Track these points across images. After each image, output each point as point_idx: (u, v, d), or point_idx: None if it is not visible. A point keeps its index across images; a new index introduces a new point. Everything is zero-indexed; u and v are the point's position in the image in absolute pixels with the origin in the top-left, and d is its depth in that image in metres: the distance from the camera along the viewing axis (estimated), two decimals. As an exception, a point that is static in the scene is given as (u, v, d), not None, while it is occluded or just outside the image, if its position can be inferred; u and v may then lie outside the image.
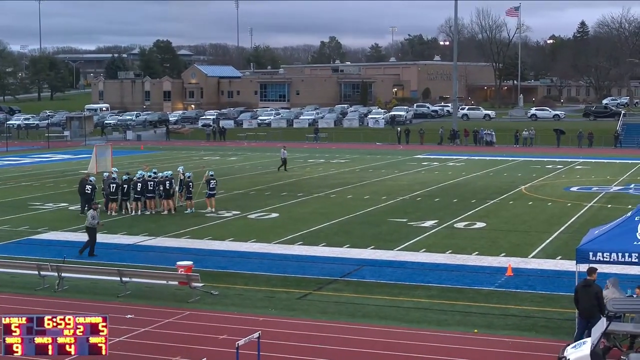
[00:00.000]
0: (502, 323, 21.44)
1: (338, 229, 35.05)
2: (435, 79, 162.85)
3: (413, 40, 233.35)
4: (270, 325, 21.05)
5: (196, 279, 23.79)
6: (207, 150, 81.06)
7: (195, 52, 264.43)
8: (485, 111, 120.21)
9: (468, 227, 35.33)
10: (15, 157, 74.75)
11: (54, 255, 29.39)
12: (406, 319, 21.87)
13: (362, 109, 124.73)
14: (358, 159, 69.79)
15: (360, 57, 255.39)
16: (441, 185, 50.47)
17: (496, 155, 72.78)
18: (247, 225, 36.45)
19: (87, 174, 42.86)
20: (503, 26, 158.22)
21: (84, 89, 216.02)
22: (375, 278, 26.29)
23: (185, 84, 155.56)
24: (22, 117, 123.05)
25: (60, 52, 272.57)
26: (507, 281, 25.75)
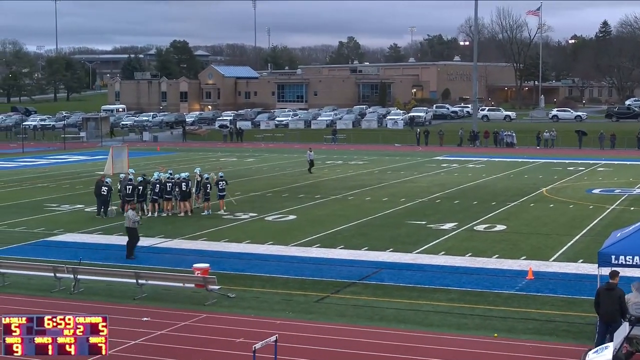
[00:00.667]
0: (522, 327, 21.36)
1: (356, 232, 35.03)
2: (455, 79, 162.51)
3: (432, 40, 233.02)
4: (288, 329, 21.06)
5: (213, 282, 23.82)
6: (224, 152, 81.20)
7: (212, 52, 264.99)
8: (505, 112, 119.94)
9: (488, 230, 35.24)
10: (31, 158, 75.13)
11: (69, 257, 29.51)
12: (425, 322, 21.83)
13: (380, 110, 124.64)
14: (376, 160, 69.75)
15: (379, 57, 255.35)
16: (461, 187, 50.36)
17: (517, 157, 72.56)
18: (264, 227, 36.49)
19: (103, 175, 43.03)
20: (524, 26, 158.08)
21: (100, 89, 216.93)
22: (393, 281, 26.25)
23: (202, 84, 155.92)
24: (38, 118, 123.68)
25: (76, 52, 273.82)
26: (527, 285, 25.66)
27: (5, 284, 25.86)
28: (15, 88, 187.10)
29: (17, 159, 73.64)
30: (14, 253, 30.66)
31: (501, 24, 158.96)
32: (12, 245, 32.40)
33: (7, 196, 47.25)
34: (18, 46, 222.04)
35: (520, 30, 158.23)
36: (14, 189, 50.71)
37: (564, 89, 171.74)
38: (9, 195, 47.88)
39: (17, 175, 59.47)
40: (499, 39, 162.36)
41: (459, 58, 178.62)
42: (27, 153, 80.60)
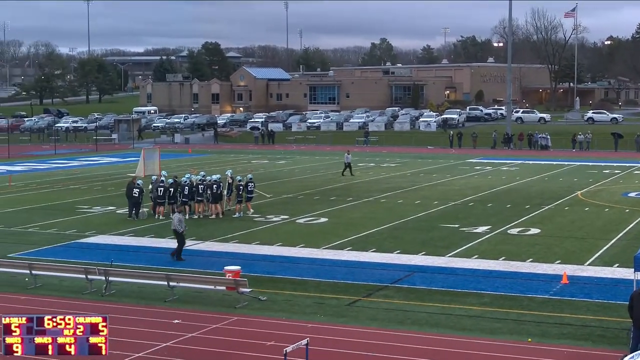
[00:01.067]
0: (557, 332, 21.23)
1: (388, 235, 34.98)
2: (489, 81, 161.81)
3: (466, 41, 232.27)
4: (319, 332, 21.07)
5: (244, 284, 23.88)
6: (256, 154, 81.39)
7: (244, 54, 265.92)
8: (540, 114, 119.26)
9: (522, 234, 35.06)
10: (63, 160, 75.71)
11: (101, 259, 29.71)
12: (458, 326, 21.76)
13: (413, 112, 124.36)
14: (409, 163, 69.62)
15: (412, 59, 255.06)
16: (494, 190, 50.14)
17: (551, 160, 72.12)
18: (295, 230, 36.53)
19: (134, 177, 43.28)
20: (559, 27, 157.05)
21: (132, 91, 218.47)
22: (426, 285, 26.19)
23: (234, 86, 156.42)
24: (71, 120, 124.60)
25: (108, 54, 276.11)
26: (562, 289, 25.50)
27: (37, 285, 26.09)
28: (47, 90, 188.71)
29: (50, 161, 74.25)
30: (46, 255, 30.94)
31: (536, 25, 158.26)
32: (44, 247, 32.69)
33: (40, 198, 47.67)
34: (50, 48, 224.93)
35: (555, 31, 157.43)
36: (46, 191, 51.15)
37: (600, 90, 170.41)
38: (41, 196, 48.29)
39: (50, 176, 59.97)
40: (534, 40, 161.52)
41: (492, 59, 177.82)
42: (59, 155, 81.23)
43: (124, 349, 19.80)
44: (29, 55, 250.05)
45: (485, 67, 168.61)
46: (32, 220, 39.17)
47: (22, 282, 26.47)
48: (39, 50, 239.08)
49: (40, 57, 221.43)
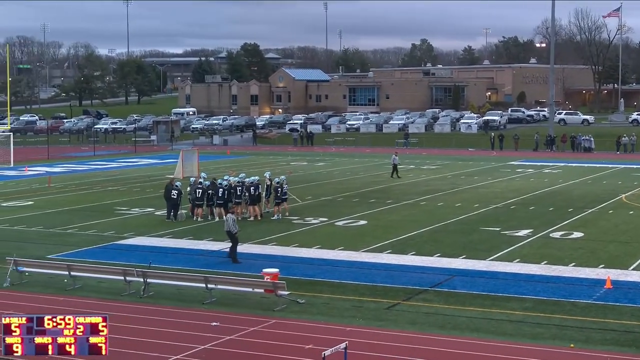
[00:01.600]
0: (600, 338, 21.04)
1: (428, 238, 34.87)
2: (531, 82, 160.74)
3: (508, 42, 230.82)
4: (358, 336, 21.04)
5: (282, 287, 23.91)
6: (295, 156, 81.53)
7: (283, 55, 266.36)
8: (583, 116, 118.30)
9: (565, 237, 34.79)
10: (102, 161, 76.36)
11: (139, 260, 29.91)
12: (499, 331, 21.63)
13: (454, 114, 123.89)
14: (449, 165, 69.35)
15: (453, 59, 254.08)
16: (536, 193, 49.81)
17: (595, 162, 71.52)
18: (334, 232, 36.53)
19: (173, 179, 43.52)
20: (603, 27, 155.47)
21: (171, 92, 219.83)
22: (466, 289, 26.07)
23: (273, 87, 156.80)
24: (110, 121, 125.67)
25: (147, 55, 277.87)
26: (605, 294, 25.26)
27: (76, 286, 26.32)
28: (87, 91, 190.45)
29: (89, 162, 74.93)
30: (85, 256, 31.20)
31: (579, 25, 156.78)
32: (83, 248, 32.98)
33: (79, 199, 48.10)
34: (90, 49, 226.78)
35: (599, 32, 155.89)
36: (85, 192, 51.60)
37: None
38: (81, 198, 48.73)
39: (88, 178, 60.50)
40: (577, 40, 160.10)
41: (535, 60, 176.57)
42: (98, 156, 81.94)
43: (161, 351, 19.92)
44: (69, 56, 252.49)
45: (528, 68, 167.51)
46: (71, 222, 39.54)
47: (61, 284, 26.72)
48: (78, 52, 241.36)
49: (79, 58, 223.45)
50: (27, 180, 59.37)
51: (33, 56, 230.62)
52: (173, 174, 56.23)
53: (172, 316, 23.07)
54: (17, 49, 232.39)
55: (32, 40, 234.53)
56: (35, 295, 25.51)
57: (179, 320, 22.64)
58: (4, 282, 26.77)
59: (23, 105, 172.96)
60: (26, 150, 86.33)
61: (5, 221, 39.95)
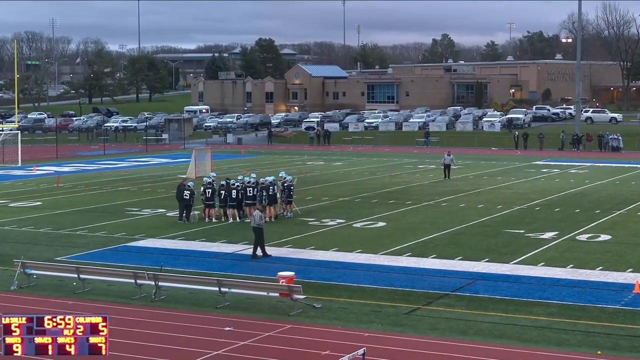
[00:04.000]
0: (628, 344, 20.96)
1: (449, 240, 34.82)
2: (557, 79, 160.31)
3: (532, 37, 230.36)
4: (376, 342, 21.03)
5: (298, 291, 23.92)
6: (311, 155, 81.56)
7: (299, 51, 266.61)
8: (611, 114, 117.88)
9: (591, 240, 34.67)
10: (112, 160, 76.61)
11: (151, 263, 30.00)
12: (523, 337, 21.59)
13: (476, 112, 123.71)
14: (472, 165, 69.23)
15: (475, 55, 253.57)
16: (562, 194, 49.67)
17: (623, 162, 71.25)
18: (352, 234, 36.53)
19: (185, 179, 43.61)
20: (632, 22, 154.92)
21: (184, 90, 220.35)
22: (489, 293, 26.02)
23: (289, 84, 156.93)
24: (120, 119, 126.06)
25: (159, 51, 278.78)
26: (634, 299, 25.18)
27: (85, 290, 26.41)
28: (97, 88, 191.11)
29: (98, 161, 75.18)
30: (95, 258, 31.32)
31: (607, 20, 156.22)
32: (93, 251, 33.10)
33: (88, 199, 48.28)
34: (100, 45, 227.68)
35: (627, 27, 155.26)
36: (95, 192, 51.79)
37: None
38: (90, 198, 48.91)
39: (98, 178, 60.72)
40: (605, 35, 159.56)
41: (560, 56, 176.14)
42: (108, 155, 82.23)
43: (173, 357, 19.97)
44: (78, 52, 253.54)
45: (553, 64, 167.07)
46: (80, 223, 39.68)
47: (70, 287, 26.82)
48: (88, 48, 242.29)
49: (89, 54, 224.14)
50: (35, 180, 59.62)
51: (41, 52, 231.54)
52: (185, 173, 56.32)
53: (184, 321, 23.12)
54: (25, 45, 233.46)
55: (41, 36, 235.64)
56: (43, 298, 25.61)
57: (191, 325, 22.69)
58: (11, 285, 26.91)
59: (31, 103, 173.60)
60: (34, 149, 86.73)
61: (12, 222, 40.15)
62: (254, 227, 31.26)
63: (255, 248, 31.42)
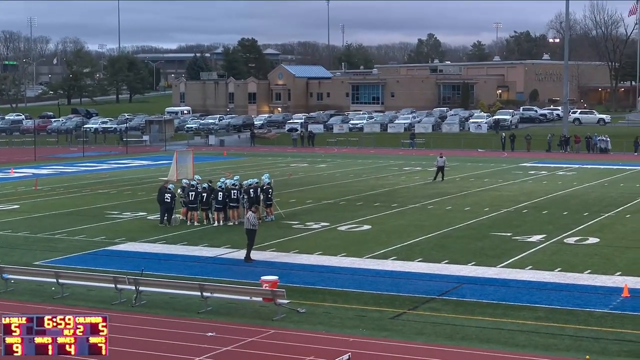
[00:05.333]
0: (617, 349, 21.05)
1: (435, 243, 34.88)
2: (544, 79, 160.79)
3: (519, 37, 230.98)
4: (361, 347, 21.05)
5: (282, 295, 23.92)
6: (295, 157, 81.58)
7: (282, 51, 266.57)
8: (599, 115, 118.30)
9: (579, 243, 34.79)
10: (92, 162, 76.40)
11: (131, 267, 29.93)
12: (510, 342, 21.65)
13: (462, 113, 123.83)
14: (458, 166, 69.38)
15: (461, 56, 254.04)
16: (550, 196, 49.82)
17: (612, 164, 71.52)
18: (336, 237, 36.54)
19: (166, 182, 43.54)
20: (620, 21, 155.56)
21: (165, 90, 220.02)
22: (476, 297, 26.08)
23: (272, 85, 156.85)
24: (100, 121, 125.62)
25: (139, 51, 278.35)
26: (623, 303, 25.28)
27: (64, 295, 26.33)
28: (76, 89, 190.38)
29: (78, 164, 74.97)
30: (74, 263, 31.23)
31: (595, 20, 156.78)
32: (72, 255, 33.00)
33: (67, 202, 48.15)
34: (79, 45, 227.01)
35: (615, 26, 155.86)
36: (74, 195, 51.64)
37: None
38: (69, 201, 48.77)
39: (78, 180, 60.54)
40: (593, 35, 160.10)
41: (548, 56, 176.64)
42: (87, 157, 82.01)
43: (154, 363, 19.94)
44: (57, 52, 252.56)
45: (540, 64, 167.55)
46: (59, 227, 39.56)
47: (48, 292, 26.74)
48: (67, 47, 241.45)
49: (68, 54, 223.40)
50: (13, 182, 59.42)
51: (19, 52, 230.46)
52: (167, 176, 56.22)
53: (165, 326, 23.08)
54: (2, 45, 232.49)
55: (18, 35, 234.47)
56: (22, 304, 25.50)
57: (173, 331, 22.66)
58: (-12, 290, 26.81)
59: (9, 104, 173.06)
60: (12, 151, 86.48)
61: (-11, 226, 40.01)
62: (249, 229, 31.24)
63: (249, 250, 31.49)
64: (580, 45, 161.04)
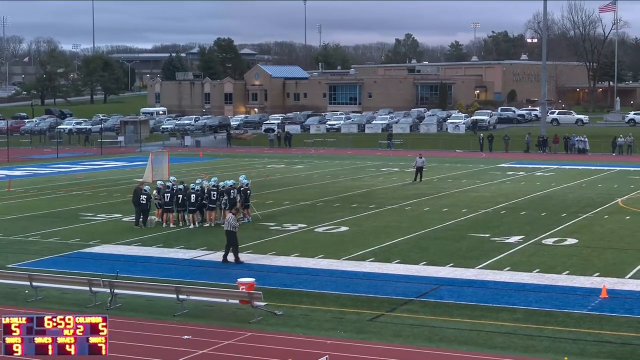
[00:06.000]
0: (595, 350, 21.13)
1: (413, 245, 34.93)
2: (522, 80, 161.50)
3: (497, 37, 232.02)
4: (339, 349, 21.05)
5: (259, 298, 23.88)
6: (271, 158, 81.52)
7: (259, 51, 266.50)
8: (577, 115, 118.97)
9: (558, 244, 34.93)
10: (66, 164, 76.05)
11: (106, 270, 29.82)
12: (489, 344, 21.70)
13: (440, 113, 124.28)
14: (436, 167, 69.51)
15: (439, 56, 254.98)
16: (528, 197, 50.00)
17: (590, 165, 71.86)
18: (314, 239, 36.54)
19: (141, 183, 43.41)
20: (598, 22, 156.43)
21: (140, 91, 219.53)
22: (454, 299, 26.13)
23: (248, 85, 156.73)
24: (74, 122, 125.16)
25: (114, 51, 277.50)
26: (601, 304, 25.38)
27: (38, 298, 26.18)
28: (49, 89, 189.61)
29: (51, 165, 74.63)
30: (48, 265, 31.06)
31: (573, 20, 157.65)
32: (46, 257, 32.83)
33: (41, 204, 47.91)
34: (53, 45, 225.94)
35: (593, 27, 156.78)
36: (48, 197, 51.40)
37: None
38: (43, 203, 48.53)
39: (52, 182, 60.25)
40: (570, 35, 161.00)
41: (526, 57, 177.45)
42: (61, 159, 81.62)
43: (130, 367, 19.87)
44: (30, 52, 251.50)
45: (518, 64, 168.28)
46: (32, 229, 39.35)
47: (22, 295, 26.57)
48: (40, 47, 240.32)
49: (41, 54, 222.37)
50: (-15, 184, 59.05)
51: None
52: (142, 177, 56.04)
53: (140, 329, 23.00)
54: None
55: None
56: (-5, 307, 25.35)
57: (148, 334, 22.58)
58: (-40, 294, 26.63)
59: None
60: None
61: (-38, 228, 39.74)
62: (228, 230, 31.17)
63: (227, 252, 31.41)
64: (558, 45, 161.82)
